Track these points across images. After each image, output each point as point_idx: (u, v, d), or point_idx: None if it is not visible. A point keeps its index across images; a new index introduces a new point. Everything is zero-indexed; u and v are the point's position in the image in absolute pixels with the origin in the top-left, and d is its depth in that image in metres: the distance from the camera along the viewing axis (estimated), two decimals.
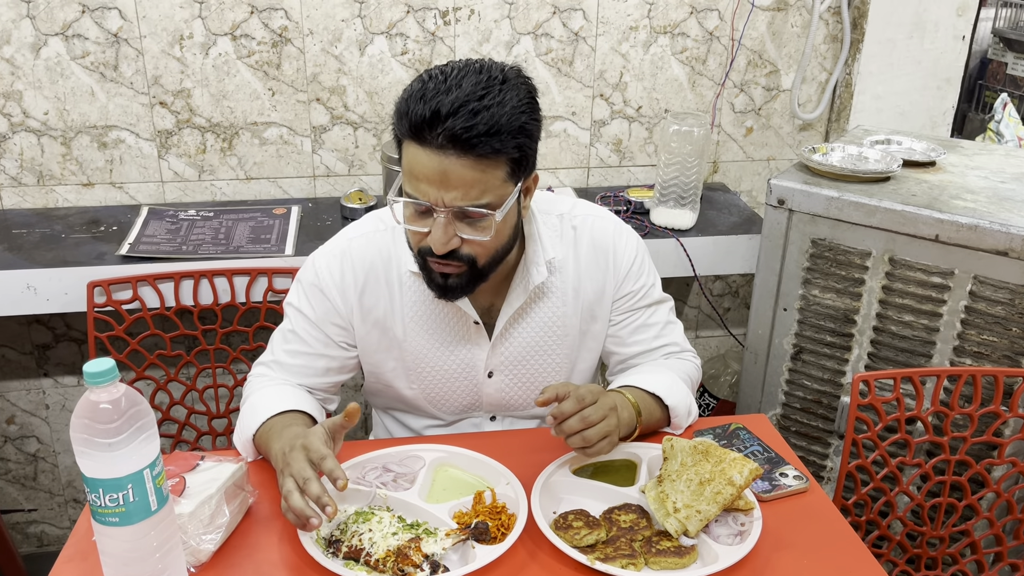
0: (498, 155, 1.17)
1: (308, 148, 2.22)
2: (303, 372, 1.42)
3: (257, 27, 2.08)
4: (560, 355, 1.47)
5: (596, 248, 1.44)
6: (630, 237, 1.48)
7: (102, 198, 2.18)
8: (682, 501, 1.16)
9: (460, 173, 1.16)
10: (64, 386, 2.34)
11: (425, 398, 1.48)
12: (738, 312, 2.65)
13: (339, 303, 1.39)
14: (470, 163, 1.16)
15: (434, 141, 1.15)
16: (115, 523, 0.99)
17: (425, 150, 1.16)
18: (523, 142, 1.20)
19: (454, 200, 1.18)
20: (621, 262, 1.45)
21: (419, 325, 1.41)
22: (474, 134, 1.14)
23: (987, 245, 1.59)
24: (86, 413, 0.95)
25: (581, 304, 1.45)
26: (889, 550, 1.65)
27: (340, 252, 1.40)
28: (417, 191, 1.20)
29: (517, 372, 1.47)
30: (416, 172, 1.19)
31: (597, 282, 1.45)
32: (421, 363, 1.44)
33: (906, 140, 2.02)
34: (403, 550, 1.10)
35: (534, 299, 1.42)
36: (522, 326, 1.44)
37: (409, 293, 1.40)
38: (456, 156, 1.15)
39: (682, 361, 1.51)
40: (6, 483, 2.42)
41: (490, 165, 1.18)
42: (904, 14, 2.30)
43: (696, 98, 2.35)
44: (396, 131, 1.22)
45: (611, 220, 1.48)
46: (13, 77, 2.03)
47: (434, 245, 1.22)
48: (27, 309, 1.87)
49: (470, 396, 1.48)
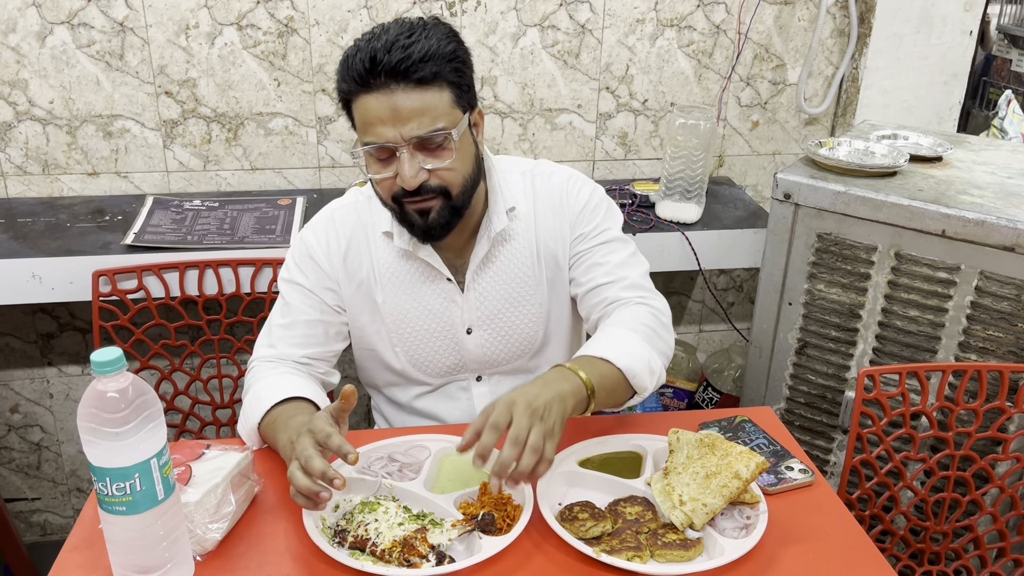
0: (438, 80, 1.25)
1: (313, 139, 2.22)
2: (303, 342, 1.44)
3: (263, 17, 2.08)
4: (533, 305, 1.51)
5: (551, 195, 1.49)
6: (585, 184, 1.51)
7: (107, 187, 2.18)
8: (688, 494, 1.16)
9: (409, 104, 1.24)
10: (68, 375, 2.34)
11: (410, 361, 1.51)
12: (742, 307, 2.65)
13: (327, 267, 1.45)
14: (415, 92, 1.24)
15: (378, 81, 1.23)
16: (122, 512, 0.99)
17: (372, 94, 1.24)
18: (458, 67, 1.28)
19: (411, 132, 1.25)
20: (573, 205, 1.49)
21: (396, 287, 1.46)
22: (411, 62, 1.22)
23: (994, 240, 1.59)
24: (93, 402, 0.95)
25: (543, 253, 1.49)
26: (892, 545, 1.65)
27: (324, 220, 1.47)
28: (375, 136, 1.26)
29: (495, 326, 1.50)
30: (370, 118, 1.26)
31: (553, 228, 1.49)
32: (402, 325, 1.48)
33: (912, 135, 2.01)
34: (409, 540, 1.10)
35: (498, 247, 1.47)
36: (491, 278, 1.48)
37: (383, 255, 1.46)
38: (401, 89, 1.23)
39: (634, 307, 1.41)
40: (9, 472, 2.43)
41: (434, 91, 1.25)
42: (911, 9, 2.29)
43: (702, 91, 2.35)
44: (344, 95, 1.29)
45: (568, 171, 1.53)
46: (19, 65, 2.02)
47: (404, 181, 1.28)
48: (32, 298, 1.87)
49: (453, 355, 1.51)
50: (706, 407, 2.48)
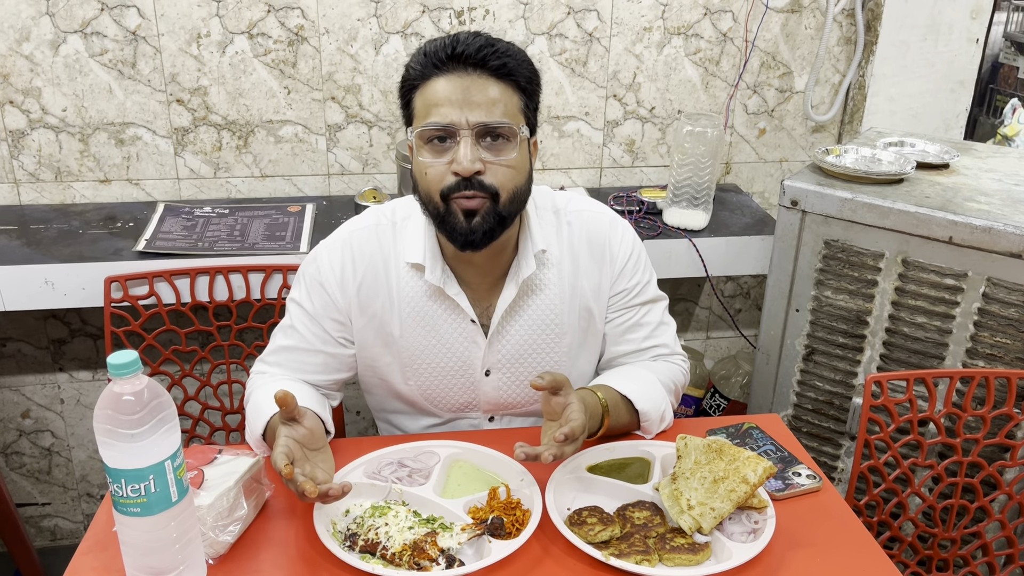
0: (512, 78, 1.26)
1: (323, 146, 2.24)
2: (299, 368, 1.43)
3: (274, 26, 2.10)
4: (558, 353, 1.46)
5: (592, 243, 1.44)
6: (626, 232, 1.47)
7: (119, 194, 2.20)
8: (696, 498, 1.17)
9: (481, 91, 1.24)
10: (79, 381, 2.36)
11: (422, 395, 1.47)
12: (749, 313, 2.65)
13: (338, 297, 1.40)
14: (490, 81, 1.24)
15: (454, 65, 1.24)
16: (136, 513, 1.00)
17: (445, 76, 1.24)
18: (532, 80, 1.30)
19: (478, 117, 1.23)
20: (617, 257, 1.45)
21: (416, 322, 1.41)
22: (493, 50, 1.24)
23: (1001, 247, 1.59)
24: (109, 404, 0.96)
25: (578, 301, 1.45)
26: (900, 551, 1.65)
27: (341, 243, 1.41)
28: (439, 116, 1.24)
29: (514, 370, 1.46)
30: (437, 99, 1.24)
31: (593, 278, 1.45)
32: (417, 360, 1.44)
33: (919, 142, 2.02)
34: (419, 544, 1.11)
35: (527, 294, 1.42)
36: (518, 322, 1.43)
37: (407, 288, 1.40)
38: (477, 75, 1.24)
39: (669, 364, 1.51)
40: (20, 477, 2.44)
41: (507, 87, 1.26)
42: (918, 16, 2.30)
43: (709, 99, 2.36)
44: (411, 80, 1.28)
45: (607, 215, 1.48)
46: (32, 74, 2.05)
47: (460, 164, 1.24)
48: (45, 304, 1.89)
49: (467, 394, 1.48)
50: (713, 414, 2.49)
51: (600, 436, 1.35)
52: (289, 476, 1.10)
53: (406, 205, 1.44)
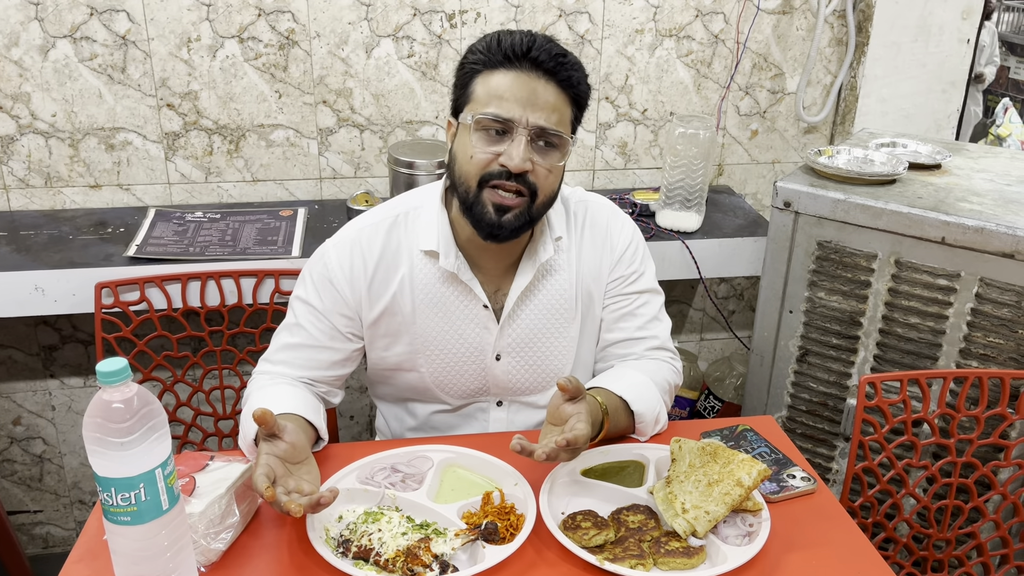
0: (572, 91, 1.31)
1: (314, 150, 2.23)
2: (307, 365, 1.43)
3: (264, 30, 2.09)
4: (566, 338, 1.49)
5: (594, 228, 1.49)
6: (626, 222, 1.52)
7: (109, 200, 2.19)
8: (691, 502, 1.16)
9: (546, 96, 1.29)
10: (70, 387, 2.34)
11: (433, 382, 1.49)
12: (743, 315, 2.66)
13: (348, 293, 1.41)
14: (555, 89, 1.29)
15: (526, 65, 1.28)
16: (127, 522, 0.99)
17: (515, 72, 1.28)
18: (588, 94, 1.35)
19: (537, 120, 1.28)
20: (617, 244, 1.49)
21: (429, 308, 1.43)
22: (564, 61, 1.29)
23: (993, 247, 1.60)
24: (99, 412, 0.95)
25: (581, 285, 1.48)
26: (895, 552, 1.65)
27: (350, 241, 1.43)
28: (501, 109, 1.28)
29: (524, 355, 1.49)
30: (502, 92, 1.28)
31: (594, 262, 1.49)
32: (430, 346, 1.46)
33: (911, 143, 2.02)
34: (413, 550, 1.11)
35: (541, 277, 1.46)
36: (529, 307, 1.46)
37: (420, 275, 1.42)
38: (545, 80, 1.28)
39: (661, 363, 1.51)
40: (12, 484, 2.43)
41: (566, 100, 1.31)
42: (909, 17, 2.31)
43: (701, 101, 2.36)
44: (478, 64, 1.30)
45: (609, 205, 1.53)
46: (21, 79, 2.03)
47: (512, 161, 1.28)
48: (35, 310, 1.87)
49: (478, 380, 1.49)
50: (708, 415, 2.48)
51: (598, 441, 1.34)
52: (271, 499, 1.09)
53: (413, 197, 1.47)
